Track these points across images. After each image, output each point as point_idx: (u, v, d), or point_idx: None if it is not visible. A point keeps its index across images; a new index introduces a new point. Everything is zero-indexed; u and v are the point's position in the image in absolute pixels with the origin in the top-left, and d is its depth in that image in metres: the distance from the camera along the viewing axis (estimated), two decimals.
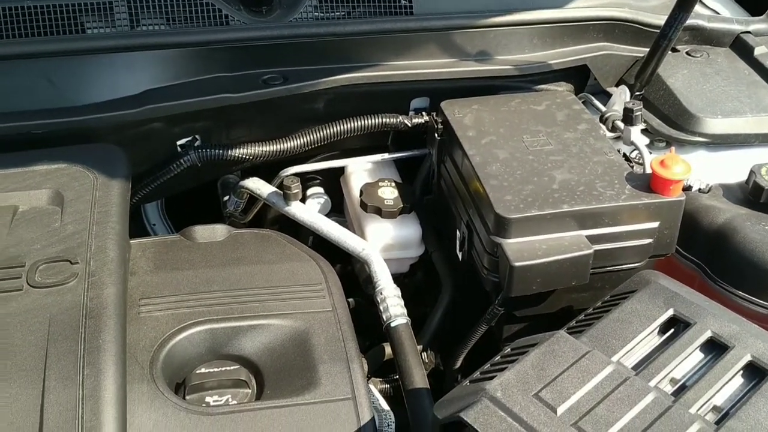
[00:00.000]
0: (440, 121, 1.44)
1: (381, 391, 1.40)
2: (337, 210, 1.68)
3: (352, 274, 1.65)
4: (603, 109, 1.52)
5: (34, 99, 1.30)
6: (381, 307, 1.31)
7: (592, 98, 1.57)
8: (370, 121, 1.50)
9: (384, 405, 1.28)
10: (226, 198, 1.65)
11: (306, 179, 1.64)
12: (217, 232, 1.43)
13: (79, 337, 0.96)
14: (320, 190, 1.67)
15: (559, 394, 0.91)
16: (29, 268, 1.04)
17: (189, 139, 1.44)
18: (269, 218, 1.77)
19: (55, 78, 1.31)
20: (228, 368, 1.20)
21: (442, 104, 1.45)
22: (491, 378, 0.96)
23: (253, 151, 1.46)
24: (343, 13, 1.47)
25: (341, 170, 1.65)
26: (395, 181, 1.53)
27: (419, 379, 1.22)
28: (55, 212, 1.13)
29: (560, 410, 0.89)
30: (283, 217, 1.69)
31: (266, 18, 1.44)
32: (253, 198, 1.61)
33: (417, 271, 1.59)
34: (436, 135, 1.44)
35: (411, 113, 1.55)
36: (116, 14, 1.36)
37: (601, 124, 1.45)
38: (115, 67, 1.37)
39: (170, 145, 1.42)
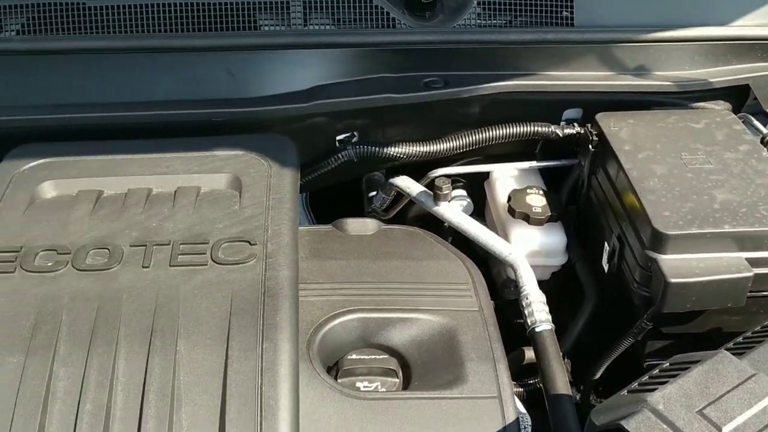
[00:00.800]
0: (595, 133, 1.44)
1: (516, 395, 1.42)
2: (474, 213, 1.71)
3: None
4: (764, 130, 1.49)
5: (215, 89, 1.39)
6: (526, 312, 1.33)
7: (752, 119, 1.54)
8: (522, 128, 1.52)
9: (521, 407, 1.30)
10: (373, 194, 1.71)
11: (450, 181, 1.68)
12: (368, 225, 1.49)
13: (258, 314, 1.03)
14: (463, 192, 1.71)
15: (724, 414, 0.91)
16: (213, 245, 1.12)
17: (348, 135, 1.51)
18: (410, 217, 1.81)
19: (235, 70, 1.40)
20: (378, 356, 1.26)
21: (598, 116, 1.46)
22: (651, 390, 0.96)
23: (407, 150, 1.51)
24: (504, 21, 1.50)
25: (484, 174, 1.68)
26: (543, 189, 1.55)
27: (562, 385, 1.23)
28: (234, 196, 1.21)
29: (725, 430, 0.89)
30: (423, 217, 1.75)
31: (429, 23, 1.49)
32: (398, 196, 1.66)
33: (556, 280, 1.60)
34: (590, 146, 1.45)
35: (562, 123, 1.57)
36: (291, 14, 1.45)
37: (763, 147, 1.42)
38: (287, 63, 1.45)
39: (330, 139, 1.49)
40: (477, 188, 1.71)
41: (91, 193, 1.20)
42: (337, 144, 1.51)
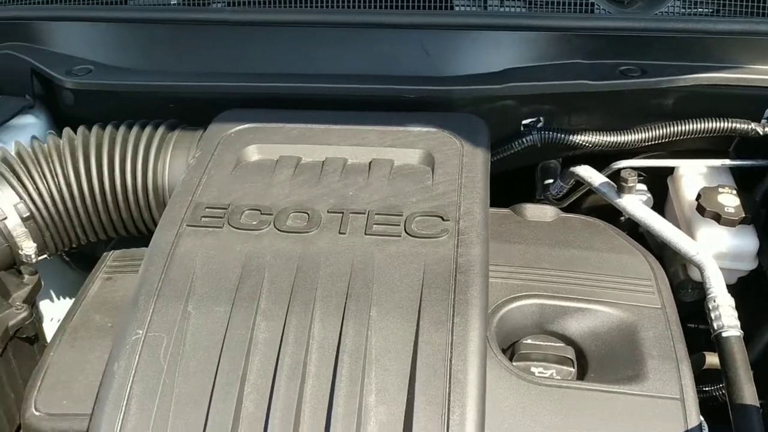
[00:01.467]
0: None
1: None
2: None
3: None
4: None
5: (409, 66, 1.42)
6: (712, 315, 1.27)
7: None
8: (719, 124, 1.45)
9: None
10: (549, 182, 1.69)
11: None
12: (547, 212, 1.48)
13: (449, 288, 1.04)
14: (644, 186, 1.65)
15: None
16: (406, 218, 1.15)
17: (533, 119, 1.49)
18: (583, 207, 1.78)
19: (430, 49, 1.42)
20: (555, 344, 1.25)
21: None
22: None
23: (593, 139, 1.48)
24: (710, 10, 1.43)
25: (667, 170, 1.62)
26: (735, 189, 1.47)
27: (750, 395, 1.17)
28: (427, 171, 1.24)
29: None
30: (597, 208, 1.71)
31: (628, 9, 1.44)
32: (575, 185, 1.63)
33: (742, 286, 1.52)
34: None
35: (763, 121, 1.48)
36: None
37: None
38: (481, 44, 1.45)
39: (516, 123, 1.48)
40: (657, 183, 1.65)
41: (291, 159, 1.26)
42: (522, 128, 1.50)
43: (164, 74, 1.47)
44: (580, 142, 1.49)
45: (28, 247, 1.32)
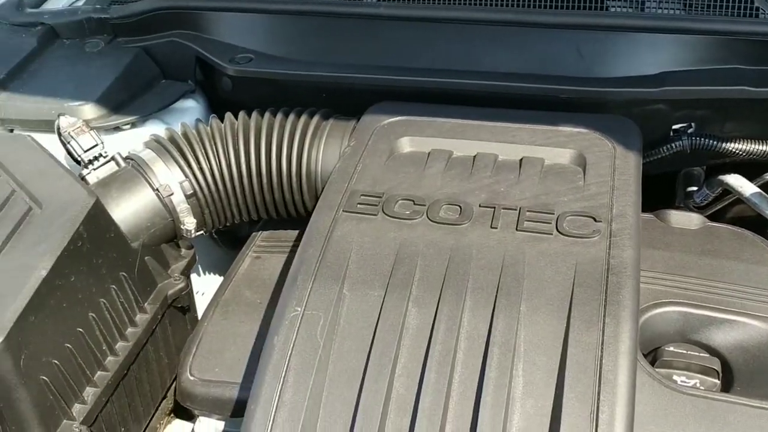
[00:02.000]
0: None
1: None
2: None
3: None
4: None
5: (562, 66, 1.42)
6: None
7: None
8: None
9: None
10: (692, 189, 1.65)
11: None
12: (693, 220, 1.45)
13: (601, 288, 1.05)
14: None
15: None
16: (558, 216, 1.15)
17: (684, 125, 1.46)
18: (727, 217, 1.73)
19: (584, 49, 1.41)
20: (701, 354, 1.23)
21: None
22: None
23: (748, 147, 1.44)
24: None
25: None
26: None
27: None
28: (578, 172, 1.24)
29: None
30: (742, 219, 1.66)
31: None
32: (722, 194, 1.59)
33: None
34: None
35: None
36: None
37: None
38: (636, 46, 1.44)
39: (666, 127, 1.46)
40: None
41: (443, 152, 1.29)
42: (672, 133, 1.47)
43: (320, 65, 1.53)
44: (733, 149, 1.45)
45: (189, 223, 1.41)
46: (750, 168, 1.53)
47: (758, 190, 1.47)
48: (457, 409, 0.98)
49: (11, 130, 1.58)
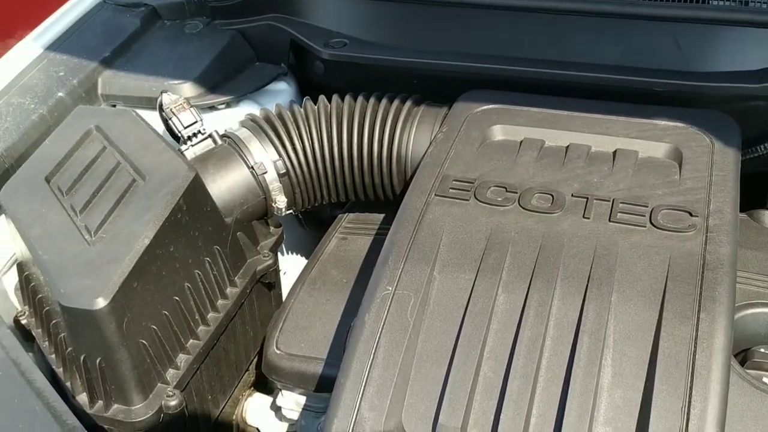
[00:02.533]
0: None
1: None
2: None
3: None
4: None
5: (659, 58, 1.40)
6: None
7: None
8: None
9: None
10: None
11: None
12: None
13: (696, 283, 1.04)
14: None
15: None
16: (652, 209, 1.15)
17: None
18: None
19: (682, 42, 1.39)
20: None
21: None
22: None
23: None
24: None
25: None
26: None
27: None
28: (673, 166, 1.22)
29: None
30: None
31: None
32: None
33: None
34: None
35: None
36: None
37: None
38: (738, 41, 1.41)
39: (766, 125, 1.43)
40: None
41: (535, 141, 1.29)
42: None
43: (412, 51, 1.55)
44: None
45: (280, 201, 1.45)
46: None
47: None
48: (544, 394, 0.98)
49: (113, 106, 1.65)
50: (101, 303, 1.10)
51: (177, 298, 1.24)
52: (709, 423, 0.93)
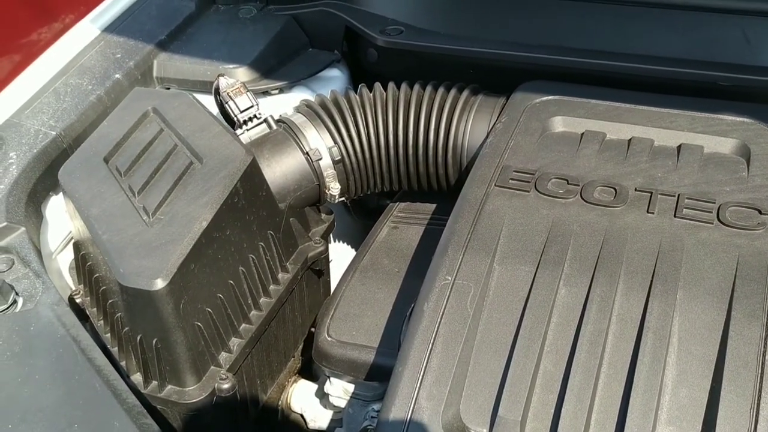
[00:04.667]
0: None
1: None
2: None
3: None
4: None
5: (726, 52, 1.37)
6: None
7: None
8: None
9: None
10: None
11: None
12: None
13: (766, 283, 1.01)
14: None
15: None
16: (719, 206, 1.12)
17: None
18: None
19: (751, 36, 1.36)
20: None
21: None
22: None
23: None
24: None
25: None
26: None
27: None
28: (740, 162, 1.20)
29: None
30: None
31: None
32: None
33: None
34: None
35: None
36: None
37: None
38: None
39: None
40: None
41: (596, 134, 1.27)
42: None
43: (469, 40, 1.53)
44: None
45: (334, 188, 1.44)
46: None
47: None
48: (606, 390, 0.97)
49: (168, 89, 1.66)
50: (160, 284, 1.10)
51: (231, 281, 1.25)
52: None
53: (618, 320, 1.02)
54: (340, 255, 1.70)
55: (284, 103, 1.60)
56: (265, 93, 1.62)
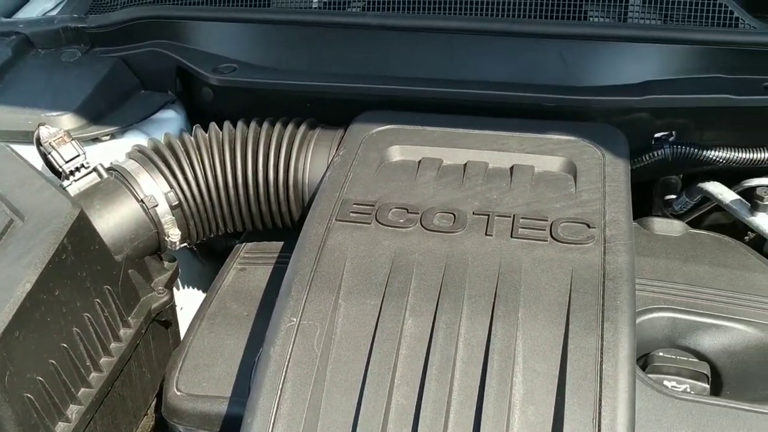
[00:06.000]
0: None
1: None
2: None
3: None
4: None
5: (547, 75, 1.43)
6: None
7: None
8: None
9: None
10: (671, 197, 1.67)
11: None
12: (675, 227, 1.47)
13: (598, 294, 1.05)
14: None
15: None
16: (552, 223, 1.16)
17: (666, 133, 1.48)
18: (704, 225, 1.75)
19: (568, 58, 1.43)
20: (690, 359, 1.24)
21: None
22: None
23: (728, 155, 1.46)
24: None
25: None
26: None
27: None
28: (569, 179, 1.24)
29: None
30: (721, 226, 1.68)
31: None
32: (701, 201, 1.62)
33: None
34: None
35: None
36: (629, 6, 1.45)
37: None
38: (620, 55, 1.46)
39: (648, 136, 1.48)
40: None
41: (433, 160, 1.29)
42: (654, 142, 1.49)
43: (304, 74, 1.52)
44: (713, 157, 1.47)
45: (173, 235, 1.38)
46: (725, 176, 1.55)
47: (738, 197, 1.49)
48: (458, 418, 0.97)
49: None
50: None
51: (65, 345, 1.16)
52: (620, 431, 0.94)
53: (465, 345, 1.02)
54: (191, 302, 1.63)
55: (117, 150, 1.52)
56: (95, 140, 1.54)
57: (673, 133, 1.49)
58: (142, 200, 1.34)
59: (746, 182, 1.54)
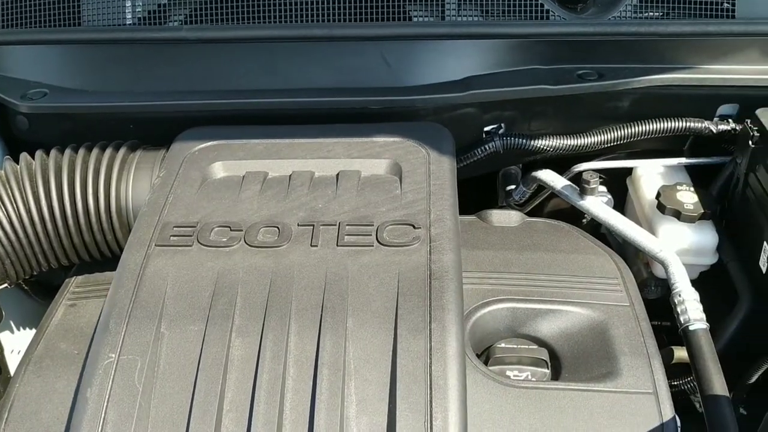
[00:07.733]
0: (756, 128, 1.40)
1: None
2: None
3: None
4: None
5: (371, 78, 1.42)
6: (678, 309, 1.30)
7: None
8: (674, 124, 1.49)
9: None
10: (511, 188, 1.71)
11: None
12: (512, 217, 1.50)
13: (425, 295, 1.04)
14: (604, 188, 1.68)
15: None
16: (378, 227, 1.14)
17: (495, 126, 1.51)
18: (545, 212, 1.80)
19: (390, 59, 1.42)
20: (528, 346, 1.26)
21: (758, 111, 1.41)
22: None
23: (554, 143, 1.50)
24: (661, 13, 1.46)
25: (625, 171, 1.66)
26: (694, 186, 1.51)
27: (720, 386, 1.19)
28: (394, 181, 1.24)
29: None
30: (560, 212, 1.74)
31: (583, 15, 1.47)
32: (537, 190, 1.66)
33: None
34: (749, 143, 1.40)
35: (716, 119, 1.52)
36: (446, 4, 1.46)
37: None
38: (441, 53, 1.47)
39: (478, 130, 1.50)
40: (616, 184, 1.68)
41: (257, 174, 1.25)
42: (484, 135, 1.52)
43: (122, 95, 1.45)
44: (541, 146, 1.51)
45: None
46: (564, 163, 1.60)
47: (568, 182, 1.54)
48: None
49: None
50: None
51: None
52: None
53: (294, 362, 0.99)
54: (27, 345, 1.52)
55: None
56: None
57: (502, 125, 1.52)
58: None
59: (575, 168, 1.59)
